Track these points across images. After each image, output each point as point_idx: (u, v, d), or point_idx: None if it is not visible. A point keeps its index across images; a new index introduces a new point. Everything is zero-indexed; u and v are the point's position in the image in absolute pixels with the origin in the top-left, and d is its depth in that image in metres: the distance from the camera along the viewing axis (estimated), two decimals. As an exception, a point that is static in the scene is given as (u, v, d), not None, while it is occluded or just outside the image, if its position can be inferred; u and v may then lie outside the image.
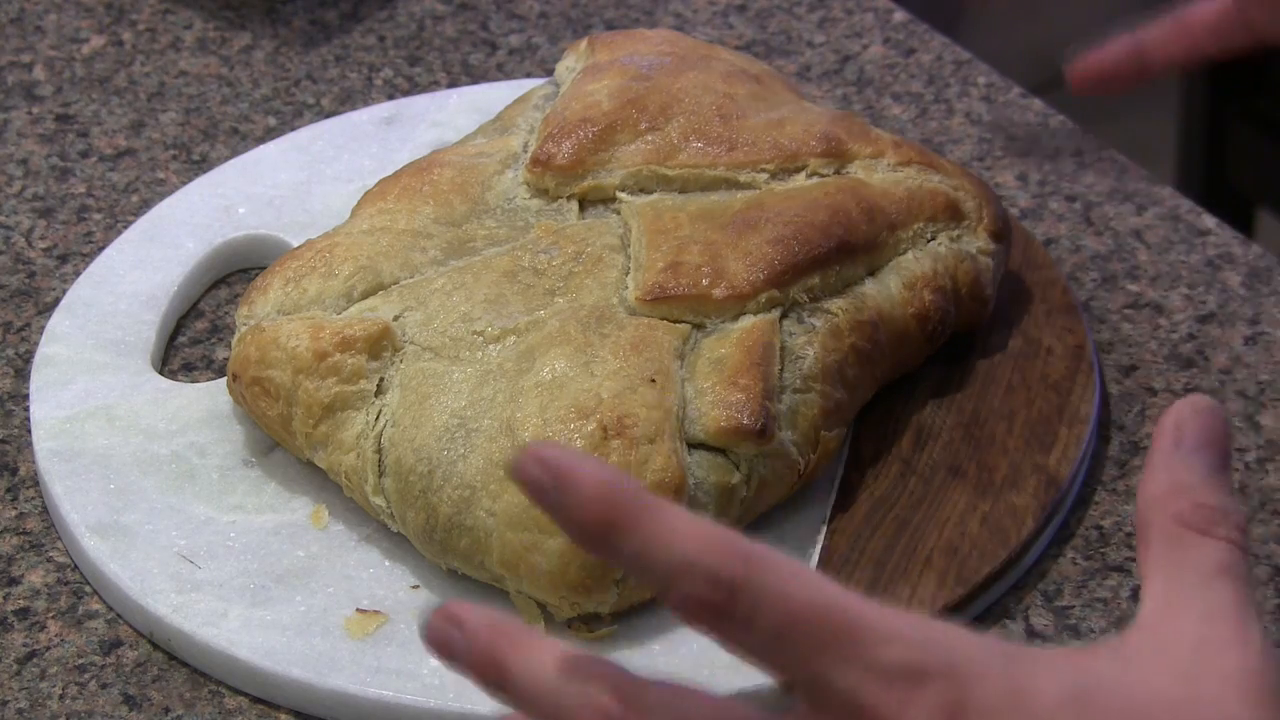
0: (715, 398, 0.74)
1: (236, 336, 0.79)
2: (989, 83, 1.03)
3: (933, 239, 0.82)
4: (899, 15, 1.08)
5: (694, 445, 0.73)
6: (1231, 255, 0.92)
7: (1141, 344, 0.87)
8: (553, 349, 0.74)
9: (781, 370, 0.76)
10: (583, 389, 0.73)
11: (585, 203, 0.83)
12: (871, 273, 0.81)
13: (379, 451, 0.74)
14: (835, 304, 0.78)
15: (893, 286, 0.80)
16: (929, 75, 1.04)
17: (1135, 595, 0.76)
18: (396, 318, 0.77)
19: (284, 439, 0.77)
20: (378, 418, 0.75)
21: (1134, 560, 0.78)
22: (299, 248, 0.81)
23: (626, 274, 0.78)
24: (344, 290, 0.78)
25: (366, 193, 0.85)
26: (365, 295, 0.78)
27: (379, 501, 0.74)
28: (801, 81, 1.02)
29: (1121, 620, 0.75)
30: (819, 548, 0.76)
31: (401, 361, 0.76)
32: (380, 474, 0.74)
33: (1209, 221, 0.94)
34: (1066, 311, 0.86)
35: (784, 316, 0.77)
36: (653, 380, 0.73)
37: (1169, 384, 0.85)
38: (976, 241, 0.83)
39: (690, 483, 0.72)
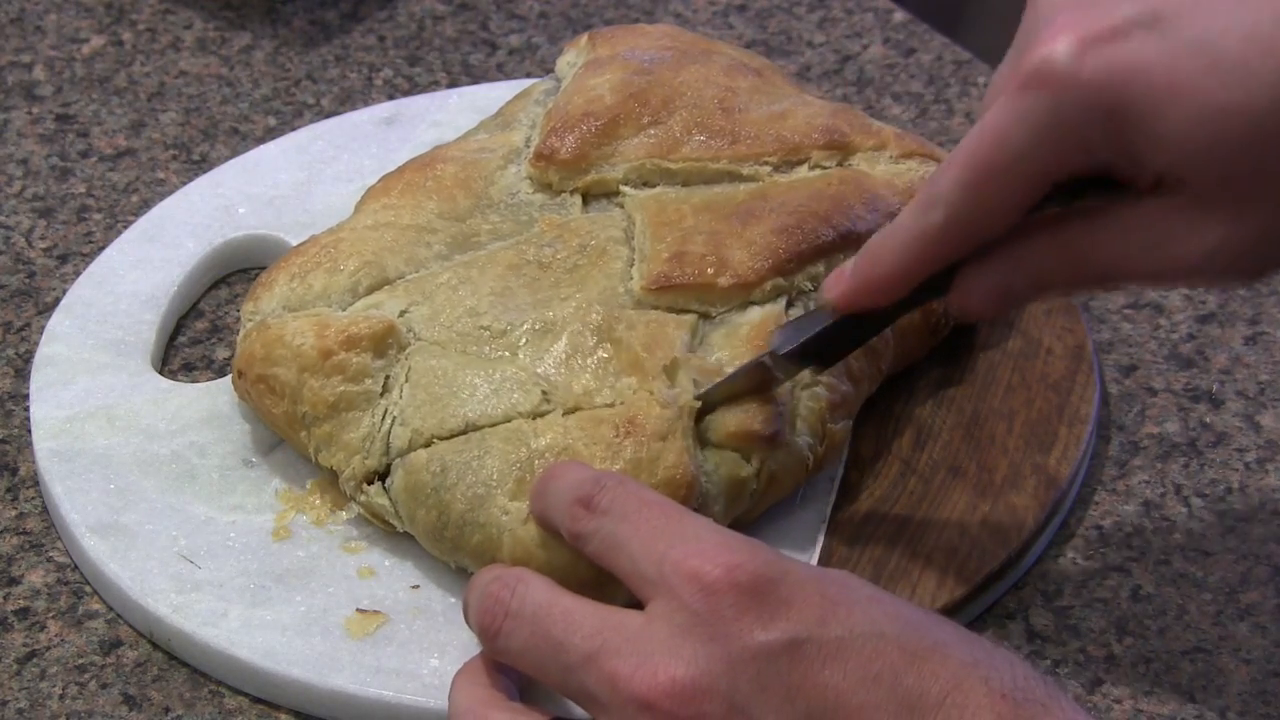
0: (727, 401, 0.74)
1: (242, 333, 0.79)
2: (989, 83, 1.03)
3: (935, 230, 0.82)
4: (899, 15, 1.08)
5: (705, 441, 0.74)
6: (1232, 255, 0.92)
7: (1141, 344, 0.87)
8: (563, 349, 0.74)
9: None
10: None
11: (588, 196, 0.83)
12: None
13: (386, 453, 0.74)
14: None
15: (896, 279, 0.80)
16: (929, 75, 1.04)
17: (1135, 595, 0.76)
18: (403, 313, 0.77)
19: (289, 436, 0.77)
20: (384, 417, 0.75)
21: (1134, 560, 0.78)
22: (304, 243, 0.81)
23: (631, 265, 0.78)
24: (349, 285, 0.78)
25: (370, 189, 0.85)
26: (371, 290, 0.78)
27: (382, 502, 0.74)
28: (801, 81, 1.02)
29: (1121, 620, 0.75)
30: (819, 548, 0.75)
31: (408, 358, 0.76)
32: (388, 474, 0.74)
33: (1209, 221, 0.94)
34: (1066, 311, 0.86)
35: (789, 305, 0.77)
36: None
37: (1169, 384, 0.85)
38: (978, 234, 0.83)
39: (701, 478, 0.72)
